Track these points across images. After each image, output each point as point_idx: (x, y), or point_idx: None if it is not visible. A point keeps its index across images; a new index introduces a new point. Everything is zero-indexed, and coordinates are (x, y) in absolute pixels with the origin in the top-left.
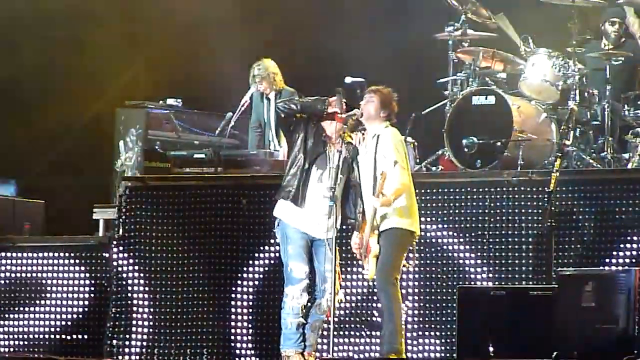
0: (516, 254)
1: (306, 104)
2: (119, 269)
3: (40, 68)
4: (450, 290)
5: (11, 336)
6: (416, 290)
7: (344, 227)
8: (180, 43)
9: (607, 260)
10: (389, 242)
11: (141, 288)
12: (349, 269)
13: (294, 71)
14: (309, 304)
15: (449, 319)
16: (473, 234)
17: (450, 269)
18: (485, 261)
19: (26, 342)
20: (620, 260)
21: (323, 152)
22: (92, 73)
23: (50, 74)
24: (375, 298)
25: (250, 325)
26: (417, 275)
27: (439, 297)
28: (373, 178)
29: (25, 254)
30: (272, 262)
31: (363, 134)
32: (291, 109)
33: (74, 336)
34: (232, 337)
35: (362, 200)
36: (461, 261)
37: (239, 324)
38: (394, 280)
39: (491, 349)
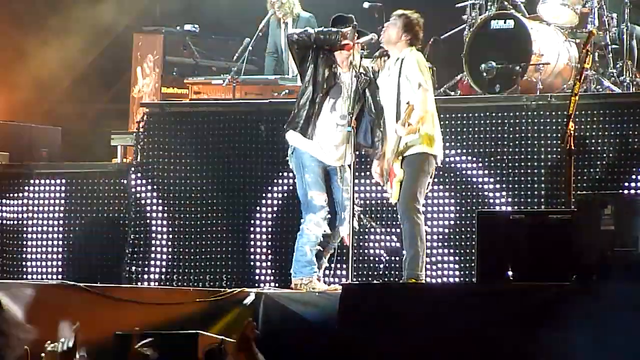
0: (535, 178)
1: (320, 36)
2: (137, 195)
3: None
4: (469, 215)
5: (29, 263)
6: (435, 215)
7: (357, 153)
8: None
9: (626, 184)
10: (413, 167)
11: (159, 214)
12: (367, 195)
13: None
14: (329, 233)
15: (469, 243)
16: (492, 159)
17: (469, 193)
18: (504, 186)
19: (44, 269)
20: None
21: (335, 82)
22: None
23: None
24: (394, 223)
25: (269, 251)
26: (436, 201)
27: (458, 222)
28: (396, 103)
29: (43, 181)
30: (291, 187)
31: (384, 60)
32: (304, 40)
33: (93, 262)
34: (251, 263)
35: (380, 129)
36: (480, 186)
37: (258, 249)
38: (417, 205)
39: (510, 273)
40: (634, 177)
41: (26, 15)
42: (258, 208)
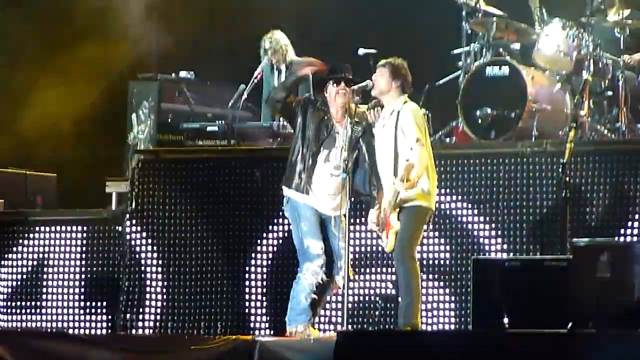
0: (531, 225)
1: (285, 85)
2: (133, 242)
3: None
4: (464, 262)
5: (24, 310)
6: (431, 261)
7: (355, 201)
8: (192, 14)
9: (622, 230)
10: (410, 218)
11: (155, 261)
12: (362, 241)
13: (305, 42)
14: (325, 281)
15: (464, 290)
16: (487, 205)
17: (464, 240)
18: (499, 232)
19: (39, 317)
20: (636, 231)
21: (328, 134)
22: (105, 45)
23: (63, 45)
24: (389, 270)
25: (264, 298)
26: (431, 247)
27: (453, 269)
28: (393, 156)
29: (37, 228)
30: (286, 234)
31: (378, 110)
32: (277, 98)
33: (87, 309)
34: (246, 310)
35: (375, 177)
36: (476, 232)
37: (253, 296)
38: (413, 253)
39: (506, 320)
40: (629, 224)
41: (24, 58)
42: (253, 254)
